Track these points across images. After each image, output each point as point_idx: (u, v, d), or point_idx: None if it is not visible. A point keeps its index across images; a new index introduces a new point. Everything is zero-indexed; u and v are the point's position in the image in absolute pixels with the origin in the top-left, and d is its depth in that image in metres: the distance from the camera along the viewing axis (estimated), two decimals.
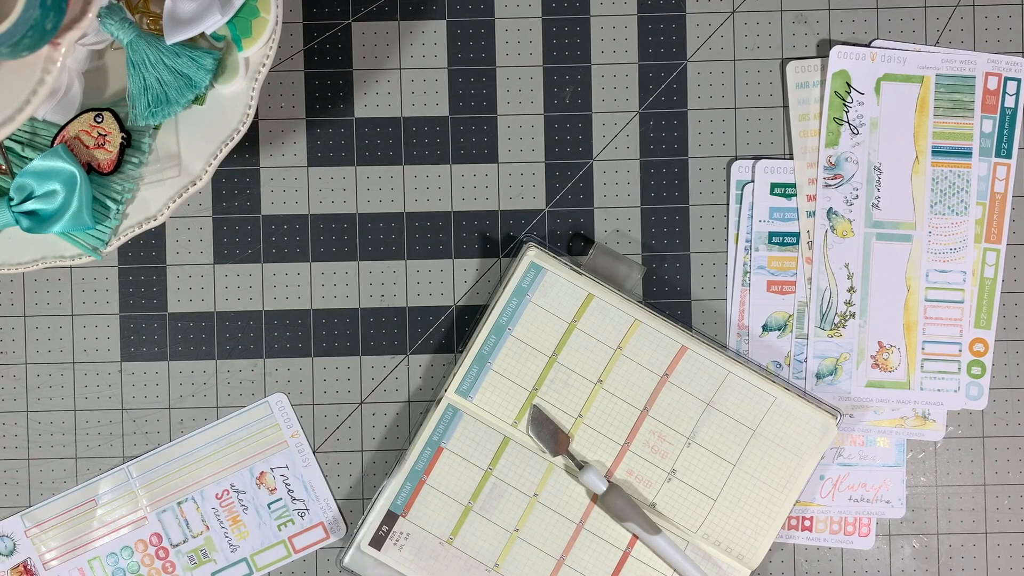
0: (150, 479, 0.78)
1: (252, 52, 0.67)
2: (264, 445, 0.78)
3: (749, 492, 0.76)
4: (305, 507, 0.78)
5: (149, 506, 0.78)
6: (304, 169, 0.79)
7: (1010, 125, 0.79)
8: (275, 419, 0.78)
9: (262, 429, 0.78)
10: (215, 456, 0.78)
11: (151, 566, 0.78)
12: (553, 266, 0.76)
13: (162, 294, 0.79)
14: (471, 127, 0.79)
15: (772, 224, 0.79)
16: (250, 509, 0.78)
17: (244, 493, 0.78)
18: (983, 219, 0.79)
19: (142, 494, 0.78)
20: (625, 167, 0.79)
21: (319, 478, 0.78)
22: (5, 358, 0.79)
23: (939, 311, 0.79)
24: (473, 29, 0.79)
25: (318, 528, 0.78)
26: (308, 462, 0.78)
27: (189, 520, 0.78)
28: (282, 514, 0.78)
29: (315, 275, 0.79)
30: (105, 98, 0.69)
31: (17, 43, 0.57)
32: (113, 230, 0.69)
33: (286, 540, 0.78)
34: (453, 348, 0.79)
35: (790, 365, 0.79)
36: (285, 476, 0.78)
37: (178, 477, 0.78)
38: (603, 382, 0.76)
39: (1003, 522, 0.79)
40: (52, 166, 0.66)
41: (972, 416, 0.79)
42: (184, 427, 0.78)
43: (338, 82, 0.79)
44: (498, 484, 0.76)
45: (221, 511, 0.78)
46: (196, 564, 0.78)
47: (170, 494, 0.78)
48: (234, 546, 0.78)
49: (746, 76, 0.79)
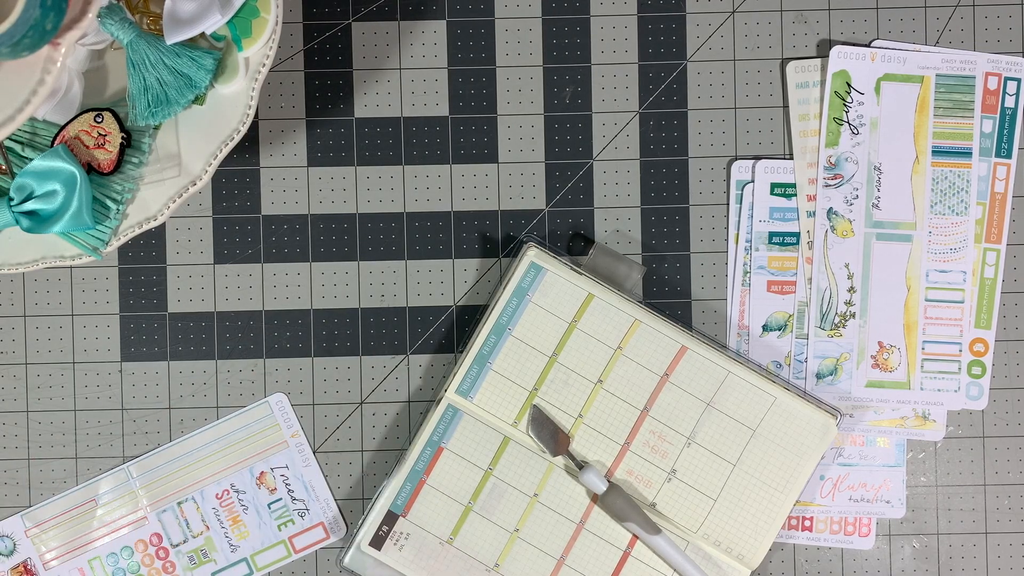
0: (150, 479, 0.78)
1: (252, 52, 0.67)
2: (264, 445, 0.78)
3: (749, 492, 0.76)
4: (305, 507, 0.78)
5: (149, 506, 0.78)
6: (304, 169, 0.79)
7: (1010, 125, 0.79)
8: (275, 419, 0.78)
9: (262, 429, 0.78)
10: (215, 456, 0.78)
11: (151, 566, 0.78)
12: (553, 266, 0.76)
13: (162, 294, 0.79)
14: (471, 127, 0.79)
15: (772, 224, 0.79)
16: (250, 509, 0.78)
17: (244, 493, 0.78)
18: (983, 219, 0.79)
19: (142, 494, 0.78)
20: (625, 167, 0.79)
21: (319, 478, 0.78)
22: (5, 358, 0.79)
23: (939, 311, 0.79)
24: (473, 29, 0.79)
25: (318, 528, 0.78)
26: (308, 462, 0.78)
27: (189, 520, 0.78)
28: (282, 514, 0.78)
29: (315, 275, 0.79)
30: (105, 98, 0.69)
31: (17, 43, 0.57)
32: (113, 230, 0.69)
33: (286, 540, 0.78)
34: (453, 348, 0.79)
35: (790, 365, 0.79)
36: (285, 476, 0.78)
37: (178, 477, 0.78)
38: (603, 382, 0.76)
39: (1003, 522, 0.79)
40: (52, 166, 0.66)
41: (972, 416, 0.79)
42: (184, 427, 0.79)
43: (338, 82, 0.79)
44: (498, 484, 0.76)
45: (221, 511, 0.78)
46: (196, 564, 0.78)
47: (170, 494, 0.78)
48: (234, 546, 0.78)
49: (746, 76, 0.79)
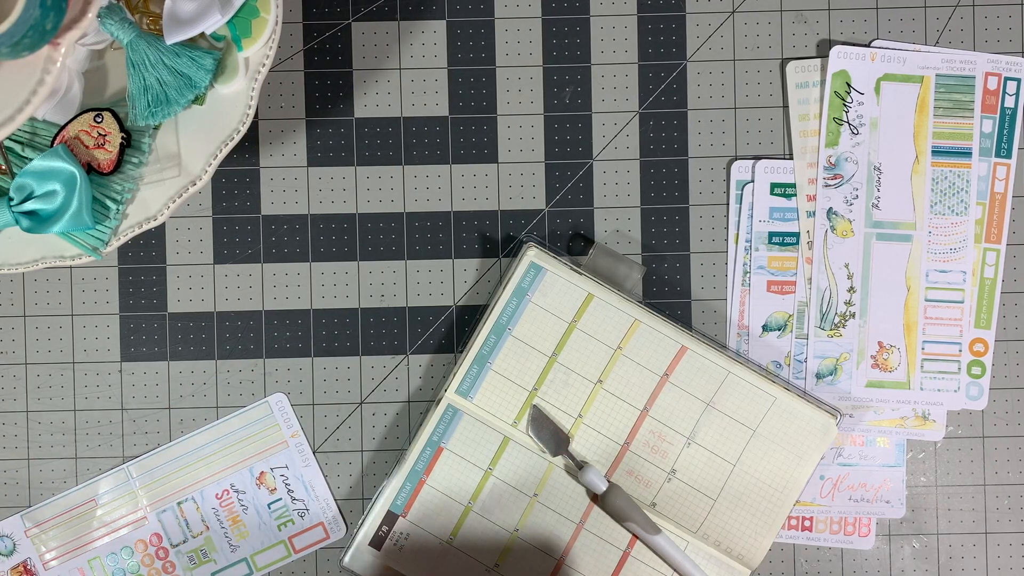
0: (150, 479, 0.78)
1: (252, 52, 0.67)
2: (264, 445, 0.78)
3: (749, 492, 0.76)
4: (305, 507, 0.78)
5: (149, 506, 0.78)
6: (304, 169, 0.79)
7: (1010, 125, 0.79)
8: (275, 419, 0.78)
9: (262, 429, 0.78)
10: (215, 456, 0.78)
11: (151, 566, 0.78)
12: (553, 266, 0.76)
13: (162, 294, 0.79)
14: (471, 127, 0.79)
15: (772, 224, 0.79)
16: (250, 509, 0.78)
17: (244, 493, 0.78)
18: (983, 219, 0.79)
19: (142, 494, 0.78)
20: (625, 167, 0.79)
21: (319, 478, 0.78)
22: (5, 358, 0.79)
23: (939, 311, 0.79)
24: (473, 29, 0.79)
25: (318, 528, 0.78)
26: (308, 462, 0.78)
27: (189, 520, 0.78)
28: (282, 514, 0.78)
29: (315, 275, 0.79)
30: (105, 98, 0.69)
31: (17, 43, 0.57)
32: (113, 230, 0.69)
33: (286, 540, 0.78)
34: (453, 348, 0.79)
35: (790, 365, 0.79)
36: (285, 476, 0.78)
37: (178, 477, 0.78)
38: (603, 382, 0.76)
39: (1003, 522, 0.79)
40: (52, 166, 0.66)
41: (972, 416, 0.79)
42: (184, 427, 0.79)
43: (338, 82, 0.79)
44: (498, 484, 0.76)
45: (221, 511, 0.78)
46: (196, 564, 0.78)
47: (170, 494, 0.78)
48: (234, 546, 0.78)
49: (746, 76, 0.79)
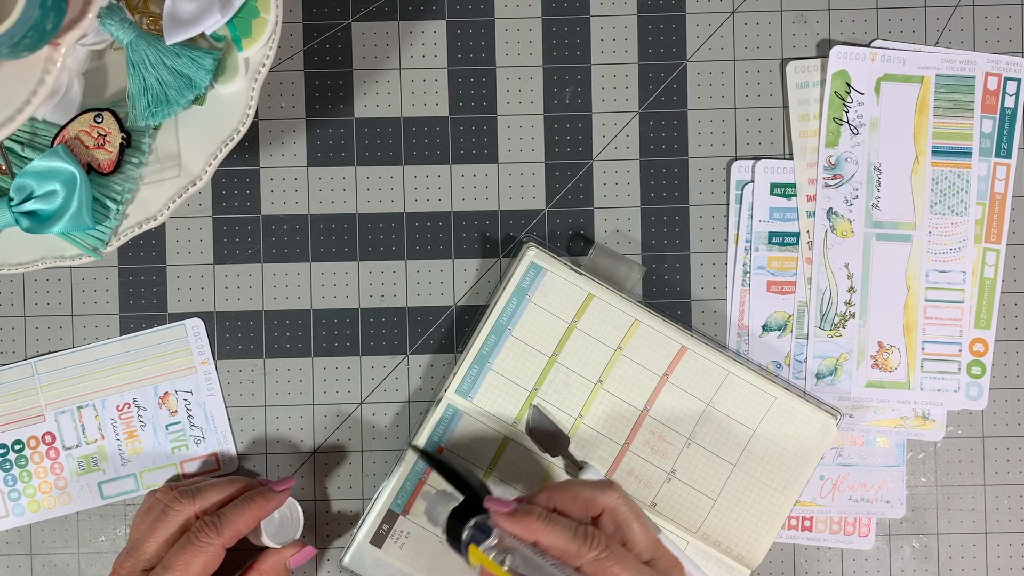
0: (55, 379, 0.78)
1: (252, 52, 0.67)
2: (173, 367, 0.78)
3: (749, 492, 0.76)
4: (202, 435, 0.78)
5: (48, 405, 0.78)
6: (304, 169, 0.79)
7: (1010, 125, 0.79)
8: (188, 343, 0.78)
9: (174, 351, 0.78)
10: (122, 368, 0.78)
11: (40, 464, 0.77)
12: (553, 266, 0.76)
13: (162, 294, 0.79)
14: (471, 127, 0.79)
15: (772, 224, 0.79)
16: (148, 427, 0.78)
17: (145, 410, 0.78)
18: (983, 219, 0.79)
19: (43, 392, 0.78)
20: (625, 167, 0.79)
21: (221, 410, 0.78)
22: (5, 358, 0.79)
23: (939, 311, 0.79)
24: (473, 29, 0.79)
25: (211, 458, 0.78)
26: (214, 392, 0.78)
27: (86, 426, 0.78)
28: (178, 438, 0.78)
29: (315, 275, 0.79)
30: (105, 98, 0.69)
31: (17, 43, 0.57)
32: (113, 230, 0.69)
33: (177, 463, 0.78)
34: (453, 348, 0.79)
35: (790, 365, 0.79)
36: (188, 401, 0.78)
37: (82, 382, 0.78)
38: (603, 382, 0.76)
39: (1003, 522, 0.79)
40: (52, 166, 0.66)
41: (972, 416, 0.79)
42: (98, 333, 0.78)
43: (338, 82, 0.79)
44: (498, 484, 0.76)
45: (119, 423, 0.78)
46: (84, 471, 0.77)
47: (71, 397, 0.78)
48: (125, 460, 0.78)
49: (746, 76, 0.79)
